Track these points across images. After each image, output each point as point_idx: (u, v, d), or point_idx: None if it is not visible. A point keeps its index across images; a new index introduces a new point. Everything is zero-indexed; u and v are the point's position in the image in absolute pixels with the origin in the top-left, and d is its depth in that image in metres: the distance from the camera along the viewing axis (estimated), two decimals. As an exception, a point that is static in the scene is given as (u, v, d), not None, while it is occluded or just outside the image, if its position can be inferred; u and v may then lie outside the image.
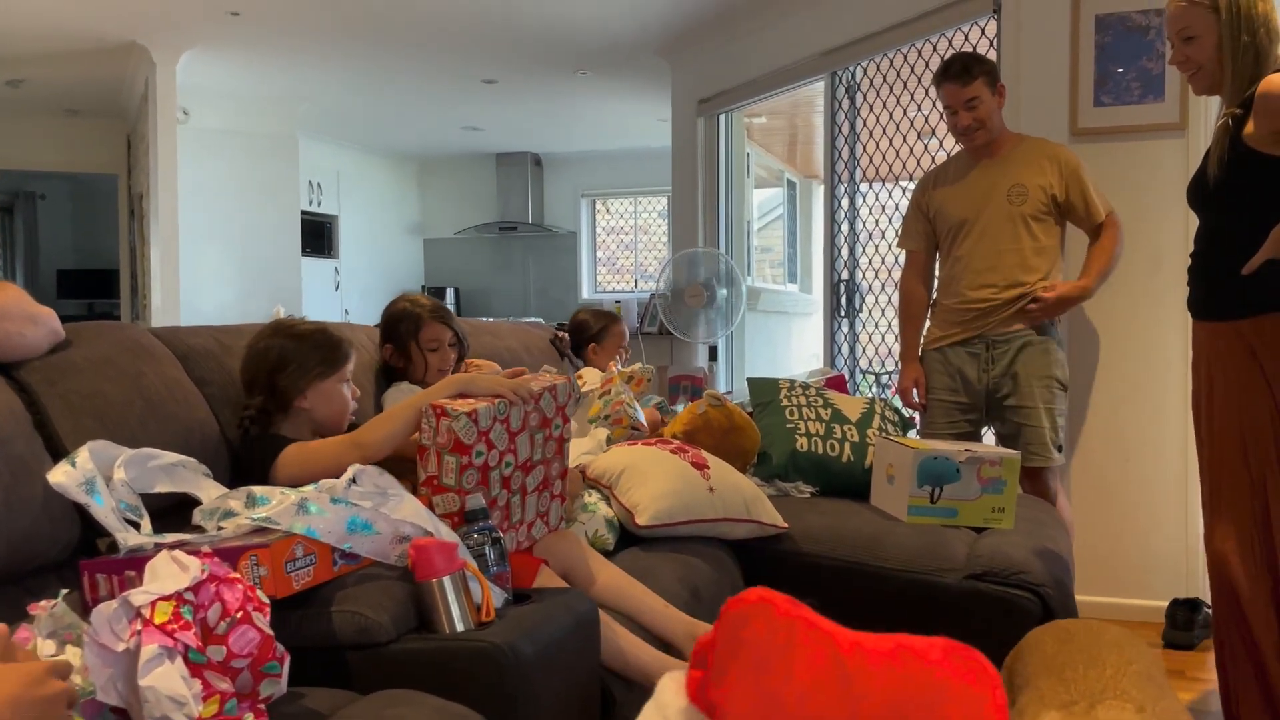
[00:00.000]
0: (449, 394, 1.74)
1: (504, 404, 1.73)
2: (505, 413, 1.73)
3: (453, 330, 2.33)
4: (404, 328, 2.31)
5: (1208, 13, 2.13)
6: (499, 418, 1.72)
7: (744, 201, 5.73)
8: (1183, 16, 2.17)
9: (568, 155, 8.94)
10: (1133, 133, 3.30)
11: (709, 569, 2.13)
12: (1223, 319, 2.14)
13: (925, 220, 3.23)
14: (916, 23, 3.95)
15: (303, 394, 1.84)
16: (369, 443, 1.72)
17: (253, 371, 1.86)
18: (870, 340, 4.60)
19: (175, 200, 5.51)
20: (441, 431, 1.66)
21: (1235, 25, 2.09)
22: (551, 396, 1.85)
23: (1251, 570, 2.04)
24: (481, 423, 1.68)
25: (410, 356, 2.30)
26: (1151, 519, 3.31)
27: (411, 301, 2.35)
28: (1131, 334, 3.33)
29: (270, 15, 4.95)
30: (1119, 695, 1.07)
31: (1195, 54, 2.17)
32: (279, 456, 1.75)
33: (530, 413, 1.80)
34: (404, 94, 6.68)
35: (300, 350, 1.84)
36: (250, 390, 1.86)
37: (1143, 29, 3.27)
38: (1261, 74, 2.06)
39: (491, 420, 1.70)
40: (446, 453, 1.66)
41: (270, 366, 1.83)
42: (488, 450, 1.70)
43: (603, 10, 4.89)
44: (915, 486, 2.44)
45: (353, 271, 8.36)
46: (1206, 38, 2.14)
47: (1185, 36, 2.18)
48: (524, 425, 1.78)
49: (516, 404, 1.74)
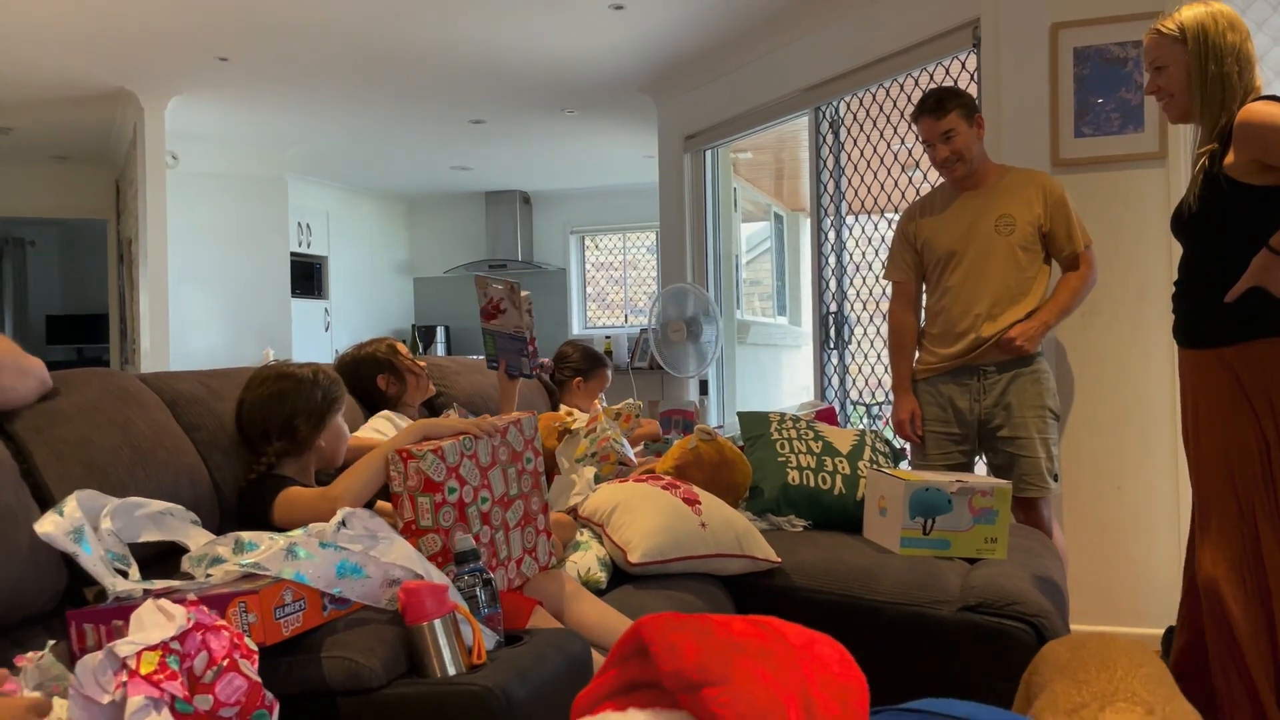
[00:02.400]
0: (414, 440, 1.78)
1: (469, 439, 1.77)
2: (472, 448, 1.77)
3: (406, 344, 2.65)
4: (384, 355, 2.55)
5: (1176, 44, 2.18)
6: (466, 453, 1.76)
7: (732, 236, 5.76)
8: (1154, 48, 2.22)
9: (556, 192, 8.99)
10: (1113, 163, 3.33)
11: (703, 606, 2.12)
12: (1207, 346, 2.16)
13: (912, 251, 3.24)
14: (897, 57, 4.01)
15: (320, 435, 1.91)
16: (339, 496, 1.74)
17: (266, 417, 1.89)
18: (860, 371, 4.61)
19: (164, 244, 5.52)
20: (410, 474, 1.68)
21: (1202, 56, 2.13)
22: (518, 430, 1.89)
23: (1243, 603, 2.04)
24: (449, 458, 1.71)
25: (403, 377, 2.53)
26: (1145, 547, 3.31)
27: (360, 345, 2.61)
28: (1118, 361, 3.35)
29: (259, 61, 5.00)
30: (1129, 698, 1.07)
31: (1166, 84, 2.22)
32: (277, 497, 1.79)
33: (498, 447, 1.84)
34: (392, 135, 6.72)
35: (312, 392, 1.91)
36: (265, 437, 1.89)
37: (1120, 60, 3.32)
38: (1230, 102, 2.10)
39: (459, 455, 1.73)
40: (419, 494, 1.68)
41: (288, 412, 1.89)
42: (460, 486, 1.72)
43: (588, 51, 4.94)
44: (908, 518, 2.44)
45: (343, 312, 8.37)
46: (1175, 68, 2.19)
47: (1156, 66, 2.23)
48: (494, 460, 1.81)
49: (481, 438, 1.79)
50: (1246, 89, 2.11)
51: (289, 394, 1.90)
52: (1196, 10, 2.16)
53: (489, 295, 2.55)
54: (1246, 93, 2.11)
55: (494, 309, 2.53)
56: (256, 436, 1.91)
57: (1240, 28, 2.12)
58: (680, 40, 4.83)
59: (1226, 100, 2.09)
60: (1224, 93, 2.10)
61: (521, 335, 2.47)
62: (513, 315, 2.48)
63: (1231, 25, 2.12)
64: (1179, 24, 2.18)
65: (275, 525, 1.77)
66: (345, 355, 2.57)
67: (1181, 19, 2.17)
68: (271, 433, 1.89)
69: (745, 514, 2.66)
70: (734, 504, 2.64)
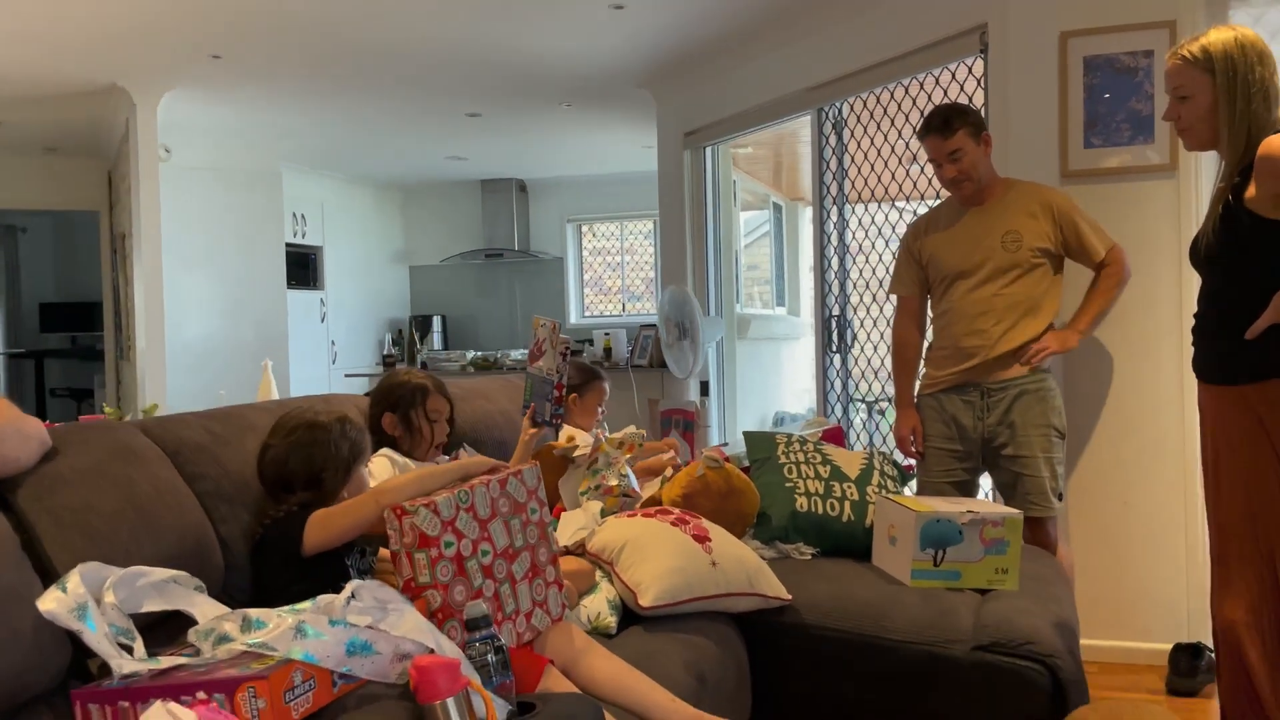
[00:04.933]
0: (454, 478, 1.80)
1: (465, 492, 1.74)
2: (469, 500, 1.74)
3: (450, 404, 2.44)
4: (411, 399, 2.39)
5: (1202, 74, 2.11)
6: (463, 506, 1.73)
7: (732, 230, 5.71)
8: (1178, 75, 2.15)
9: (553, 181, 8.91)
10: (1123, 174, 3.29)
11: (715, 649, 2.10)
12: (1227, 383, 2.13)
13: (917, 267, 3.21)
14: (903, 60, 3.95)
15: (345, 486, 1.89)
16: (386, 491, 1.75)
17: (292, 468, 1.87)
18: (856, 364, 4.58)
19: (158, 239, 5.45)
20: (405, 531, 1.66)
21: (1231, 89, 2.07)
22: (519, 481, 1.86)
23: (1262, 649, 2.02)
24: (443, 512, 1.69)
25: (412, 426, 2.38)
26: (1151, 563, 3.30)
27: (412, 374, 2.45)
28: (1126, 375, 3.32)
29: (252, 57, 4.91)
30: None
31: (1186, 114, 2.16)
32: (306, 525, 1.76)
33: (498, 499, 1.81)
34: (387, 127, 6.64)
35: (340, 444, 1.89)
36: (289, 487, 1.87)
37: (1131, 70, 3.26)
38: (1256, 139, 2.04)
39: (455, 509, 1.71)
40: (415, 550, 1.66)
41: (317, 465, 1.87)
42: (458, 540, 1.70)
43: (585, 46, 4.86)
44: (918, 550, 2.42)
45: (338, 302, 8.31)
46: (1200, 98, 2.12)
47: (1180, 95, 2.16)
48: (494, 512, 1.78)
49: (479, 486, 1.76)
50: (1274, 124, 2.06)
51: (318, 445, 1.87)
52: (1224, 37, 2.08)
53: (537, 336, 2.48)
54: (1273, 127, 2.06)
55: (538, 350, 2.46)
56: (279, 486, 1.88)
57: (1269, 60, 2.06)
58: (680, 38, 4.75)
59: (1252, 136, 2.04)
60: (1249, 129, 2.05)
61: (551, 379, 2.41)
62: (550, 357, 2.42)
63: (1261, 58, 2.05)
64: (1205, 51, 2.09)
65: (305, 554, 1.75)
66: (391, 373, 2.47)
67: (1208, 45, 2.09)
68: (296, 484, 1.87)
69: (753, 542, 2.64)
70: (741, 532, 2.62)
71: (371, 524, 1.74)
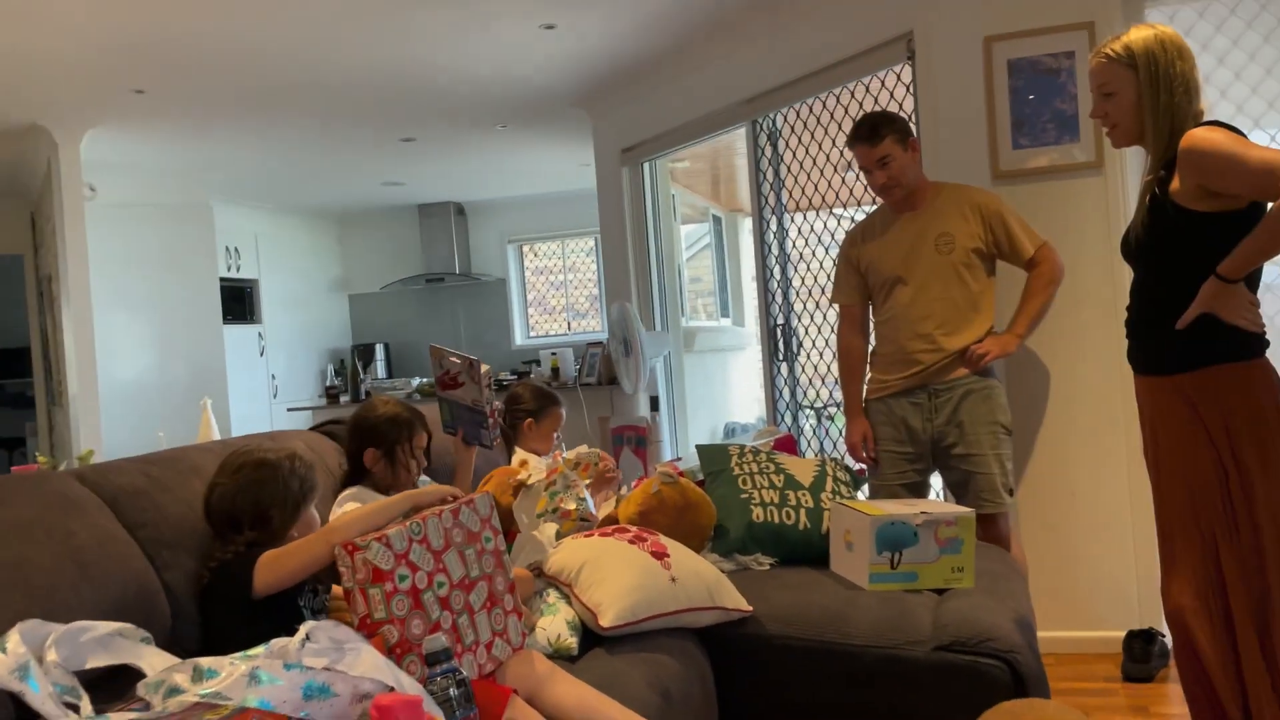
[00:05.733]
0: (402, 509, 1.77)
1: (418, 524, 1.71)
2: (421, 532, 1.72)
3: (429, 434, 2.43)
4: (397, 435, 2.35)
5: (1126, 70, 2.16)
6: (415, 538, 1.70)
7: (674, 244, 5.72)
8: (1102, 72, 2.20)
9: (492, 202, 8.87)
10: (1052, 173, 3.36)
11: (678, 666, 2.08)
12: (1161, 374, 2.17)
13: (857, 274, 3.24)
14: (834, 70, 4.00)
15: (294, 526, 1.85)
16: (338, 529, 1.71)
17: (239, 506, 1.83)
18: (804, 371, 4.61)
19: (87, 280, 5.31)
20: (358, 567, 1.62)
21: (1154, 84, 2.12)
22: (471, 510, 1.84)
23: (1209, 632, 2.06)
24: (396, 545, 1.66)
25: (397, 462, 2.34)
26: (1101, 552, 3.36)
27: (395, 405, 2.39)
28: (1066, 370, 3.38)
29: (177, 91, 4.82)
30: None
31: (1113, 110, 2.21)
32: (255, 566, 1.71)
33: (451, 529, 1.78)
34: (320, 156, 6.56)
35: (289, 481, 1.85)
36: (236, 527, 1.82)
37: (1054, 71, 3.34)
38: (1179, 130, 2.10)
39: (407, 541, 1.68)
40: (369, 586, 1.62)
41: (265, 502, 1.82)
42: (412, 573, 1.67)
43: (520, 69, 4.86)
44: (874, 553, 2.43)
45: (277, 335, 8.17)
46: (1124, 94, 2.18)
47: (1105, 92, 2.21)
48: (448, 542, 1.76)
49: (431, 518, 1.73)
50: (1195, 116, 2.12)
51: (266, 483, 1.83)
52: (1145, 35, 2.14)
53: (445, 367, 2.48)
54: (1194, 119, 2.11)
55: (451, 381, 2.46)
56: (226, 525, 1.83)
57: (1187, 55, 2.12)
58: (613, 57, 4.76)
59: (1175, 128, 2.09)
60: (1173, 121, 2.10)
61: (481, 409, 2.40)
62: (471, 389, 2.41)
63: (1180, 53, 2.11)
64: (1127, 49, 2.14)
65: (255, 596, 1.70)
66: (368, 406, 2.40)
67: (1130, 44, 2.14)
68: (244, 522, 1.82)
69: (712, 555, 2.63)
70: (700, 546, 2.61)
71: (323, 562, 1.70)
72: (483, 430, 2.40)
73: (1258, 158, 1.93)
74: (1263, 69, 3.22)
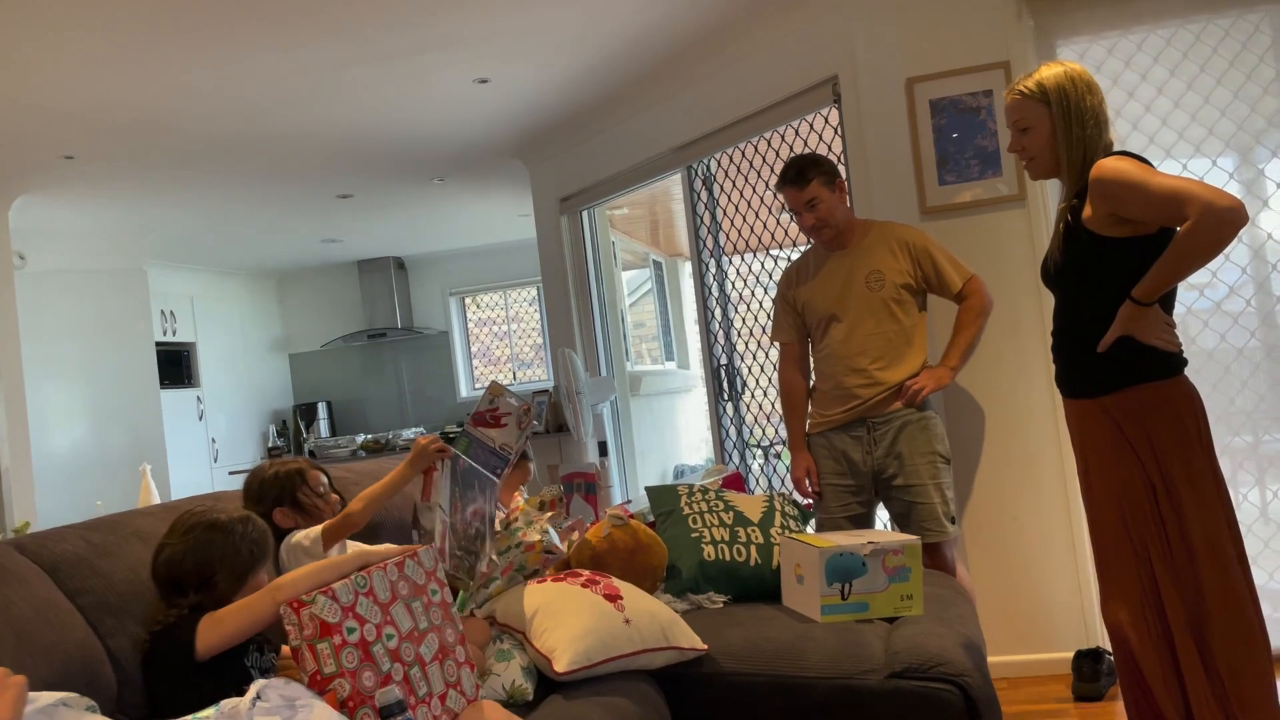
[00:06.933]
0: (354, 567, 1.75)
1: (363, 577, 1.71)
2: (367, 585, 1.71)
3: (325, 473, 2.45)
4: (290, 482, 2.35)
5: (1040, 105, 2.26)
6: (360, 590, 1.70)
7: (616, 290, 5.78)
8: (1017, 109, 2.30)
9: (431, 255, 8.87)
10: (977, 207, 3.47)
11: (635, 708, 2.08)
12: (1086, 396, 2.24)
13: (794, 313, 3.31)
14: (763, 115, 4.10)
15: (240, 590, 1.82)
16: (283, 585, 1.69)
17: (185, 571, 1.80)
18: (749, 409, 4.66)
19: (17, 348, 5.20)
20: (305, 623, 1.61)
21: (1066, 118, 2.22)
22: (415, 563, 1.83)
23: (1148, 645, 2.11)
24: (342, 598, 1.65)
25: (304, 508, 2.35)
26: (1045, 574, 3.42)
27: (272, 464, 2.41)
28: (1001, 397, 3.47)
29: (107, 155, 4.78)
30: None
31: (1030, 144, 2.30)
32: (198, 627, 1.69)
33: (396, 581, 1.78)
34: (256, 216, 6.53)
35: (239, 545, 1.83)
36: (180, 589, 1.79)
37: (974, 110, 3.47)
38: (1091, 161, 2.20)
39: (353, 594, 1.68)
40: (316, 641, 1.60)
41: (210, 566, 1.80)
42: (360, 625, 1.66)
43: (455, 123, 4.90)
44: (825, 585, 2.46)
45: (217, 398, 8.04)
46: (1040, 128, 2.27)
47: (1021, 128, 2.31)
48: (394, 595, 1.75)
49: (375, 571, 1.73)
50: (1105, 147, 2.22)
51: (215, 544, 1.81)
52: (1055, 71, 2.24)
53: (495, 404, 2.41)
54: (1104, 150, 2.21)
55: (493, 419, 2.41)
56: (171, 588, 1.80)
57: (1096, 90, 2.23)
58: (548, 108, 4.83)
59: (1088, 159, 2.19)
60: (1085, 152, 2.20)
61: (505, 455, 2.38)
62: (509, 433, 2.38)
63: (1089, 88, 2.22)
64: (1040, 85, 2.24)
65: (198, 659, 1.67)
66: (253, 474, 2.40)
67: (1042, 80, 2.24)
68: (188, 584, 1.79)
69: (665, 596, 2.64)
70: (653, 587, 2.62)
71: (267, 621, 1.68)
72: (495, 473, 2.38)
73: (1162, 185, 2.02)
74: (1171, 101, 3.37)
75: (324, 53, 3.80)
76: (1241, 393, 3.33)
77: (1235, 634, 2.08)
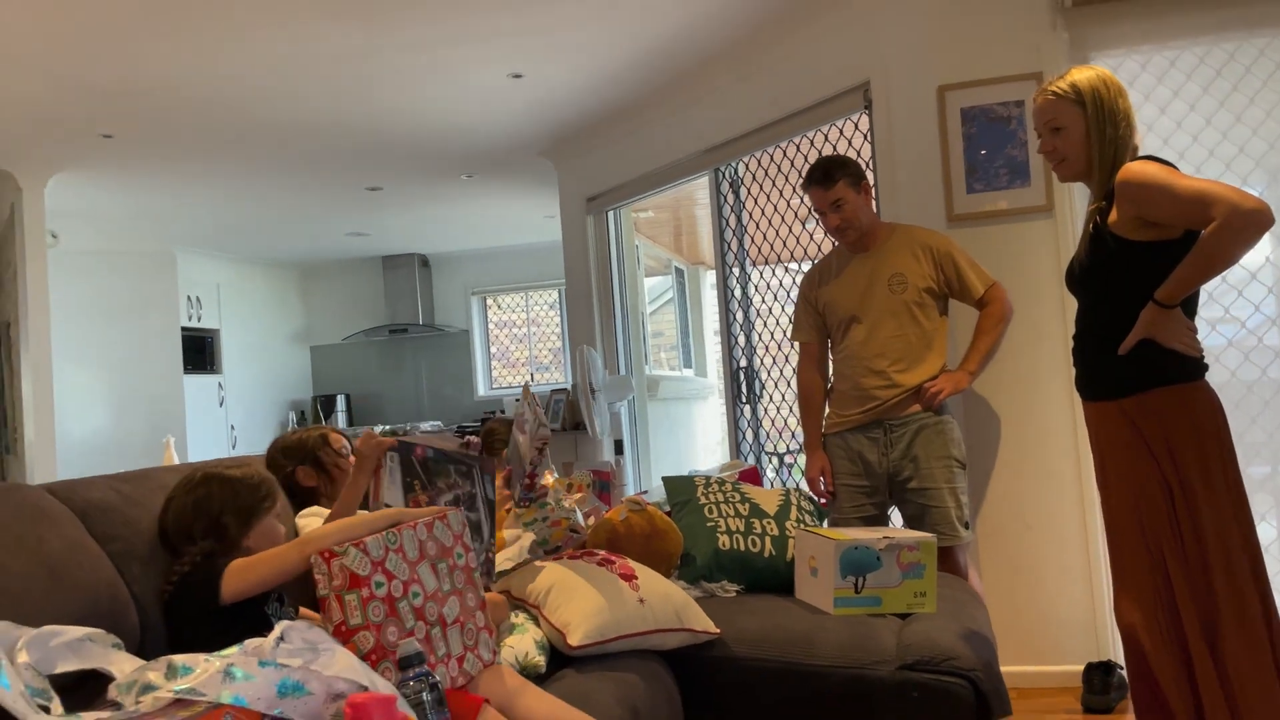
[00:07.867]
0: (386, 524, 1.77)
1: (393, 534, 1.74)
2: (397, 541, 1.74)
3: (346, 437, 2.52)
4: (314, 443, 2.43)
5: (1073, 106, 2.27)
6: (391, 547, 1.72)
7: (638, 293, 5.81)
8: (1050, 109, 2.31)
9: (456, 254, 8.93)
10: (1004, 216, 3.48)
11: (646, 686, 2.10)
12: (1106, 399, 2.25)
13: (815, 313, 3.33)
14: (793, 119, 4.13)
15: (248, 534, 1.87)
16: (312, 540, 1.72)
17: (191, 520, 1.86)
18: (772, 423, 4.68)
19: (47, 327, 5.27)
20: (335, 573, 1.64)
21: (1100, 119, 2.23)
22: (444, 525, 1.86)
23: (1160, 648, 2.11)
24: (373, 552, 1.68)
25: (326, 467, 2.42)
26: (1058, 585, 3.41)
27: (298, 429, 2.51)
28: (1019, 405, 3.47)
29: (145, 136, 4.86)
30: None
31: (1062, 145, 2.31)
32: (225, 572, 1.73)
33: (425, 541, 1.80)
34: (285, 205, 6.60)
35: (240, 492, 1.89)
36: (189, 538, 1.84)
37: (1005, 119, 3.48)
38: (1120, 163, 2.21)
39: (384, 549, 1.70)
40: (345, 592, 1.63)
41: (215, 512, 1.86)
42: (388, 580, 1.69)
43: (486, 119, 4.95)
44: (839, 578, 2.47)
45: (238, 386, 8.11)
46: (1073, 129, 2.28)
47: (1053, 128, 2.31)
48: (422, 554, 1.78)
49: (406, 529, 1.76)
50: (1132, 150, 2.23)
51: (215, 497, 1.87)
52: (1087, 74, 2.26)
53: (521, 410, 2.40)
54: (1132, 153, 2.23)
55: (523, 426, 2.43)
56: (181, 538, 1.85)
57: (1125, 93, 2.24)
58: (579, 106, 4.88)
59: (1117, 161, 2.20)
60: (1116, 154, 2.21)
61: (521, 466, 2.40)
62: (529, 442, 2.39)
63: (1120, 91, 2.23)
64: (1074, 86, 2.25)
65: (222, 603, 1.71)
66: (276, 441, 2.49)
67: (1076, 81, 2.25)
68: (196, 533, 1.84)
69: (678, 583, 2.66)
70: (667, 573, 2.64)
71: (295, 571, 1.71)
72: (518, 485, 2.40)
73: (1188, 187, 2.03)
74: (1203, 118, 3.37)
75: (361, 41, 3.86)
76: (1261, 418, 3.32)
77: (1243, 644, 2.08)
